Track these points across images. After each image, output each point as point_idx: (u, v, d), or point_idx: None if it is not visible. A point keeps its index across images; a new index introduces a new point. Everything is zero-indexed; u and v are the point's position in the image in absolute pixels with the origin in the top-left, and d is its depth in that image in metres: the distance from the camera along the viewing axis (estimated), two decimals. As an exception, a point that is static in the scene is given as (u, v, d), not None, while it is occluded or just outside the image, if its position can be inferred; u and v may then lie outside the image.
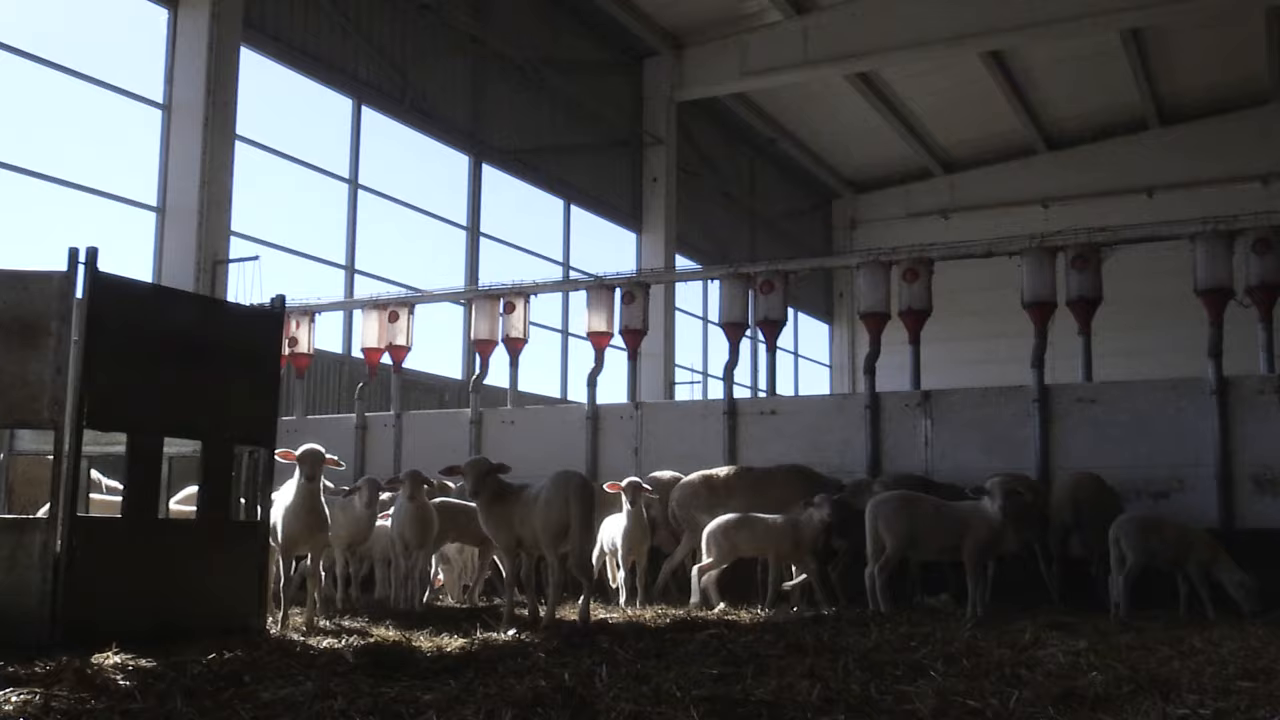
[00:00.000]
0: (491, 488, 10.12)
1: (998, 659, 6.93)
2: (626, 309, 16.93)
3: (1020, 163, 35.44)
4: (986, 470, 12.68)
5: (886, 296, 15.44)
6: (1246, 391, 13.07)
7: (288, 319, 17.59)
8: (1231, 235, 13.77)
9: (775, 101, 32.37)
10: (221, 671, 6.21)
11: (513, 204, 26.20)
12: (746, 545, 11.82)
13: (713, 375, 31.73)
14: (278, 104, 21.09)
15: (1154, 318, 26.61)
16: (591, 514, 9.97)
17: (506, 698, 5.36)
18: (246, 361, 9.23)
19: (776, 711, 5.16)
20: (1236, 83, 31.78)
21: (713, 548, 11.69)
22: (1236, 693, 5.72)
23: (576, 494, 9.69)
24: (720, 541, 11.65)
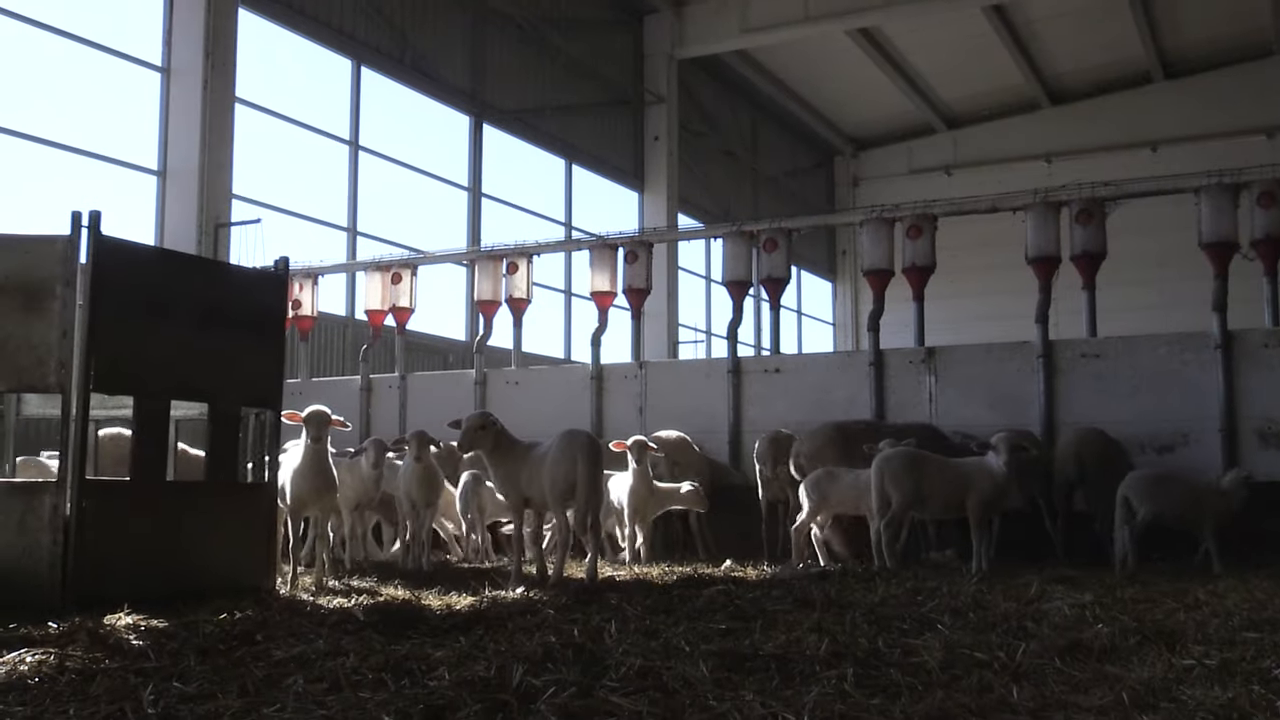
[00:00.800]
0: (489, 444, 10.11)
1: (1004, 612, 6.98)
2: (629, 268, 16.90)
3: (1023, 118, 35.28)
4: (991, 426, 12.70)
5: (890, 253, 15.40)
6: (1251, 345, 13.05)
7: (291, 281, 17.58)
8: (1236, 189, 13.70)
9: (776, 59, 32.18)
10: (233, 631, 6.26)
11: (514, 164, 26.14)
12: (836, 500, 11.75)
13: (716, 334, 31.74)
14: (277, 66, 21.03)
15: (1158, 272, 26.59)
16: (598, 473, 9.99)
17: (517, 653, 5.40)
18: (251, 324, 9.23)
19: (785, 665, 5.20)
20: (1240, 35, 31.57)
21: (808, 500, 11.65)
22: (1241, 643, 5.76)
23: (584, 453, 9.68)
24: (811, 494, 11.61)
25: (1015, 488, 11.11)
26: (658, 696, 4.58)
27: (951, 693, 4.63)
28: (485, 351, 17.61)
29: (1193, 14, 30.34)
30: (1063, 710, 4.35)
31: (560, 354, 26.50)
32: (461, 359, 22.11)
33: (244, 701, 4.56)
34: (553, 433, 12.18)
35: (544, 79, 26.32)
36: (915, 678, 4.96)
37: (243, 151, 19.02)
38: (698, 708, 4.39)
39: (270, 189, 20.16)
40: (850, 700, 4.52)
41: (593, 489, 9.79)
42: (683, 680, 4.87)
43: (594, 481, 9.79)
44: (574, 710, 4.35)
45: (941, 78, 33.71)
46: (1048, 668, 5.20)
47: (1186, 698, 4.49)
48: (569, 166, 27.61)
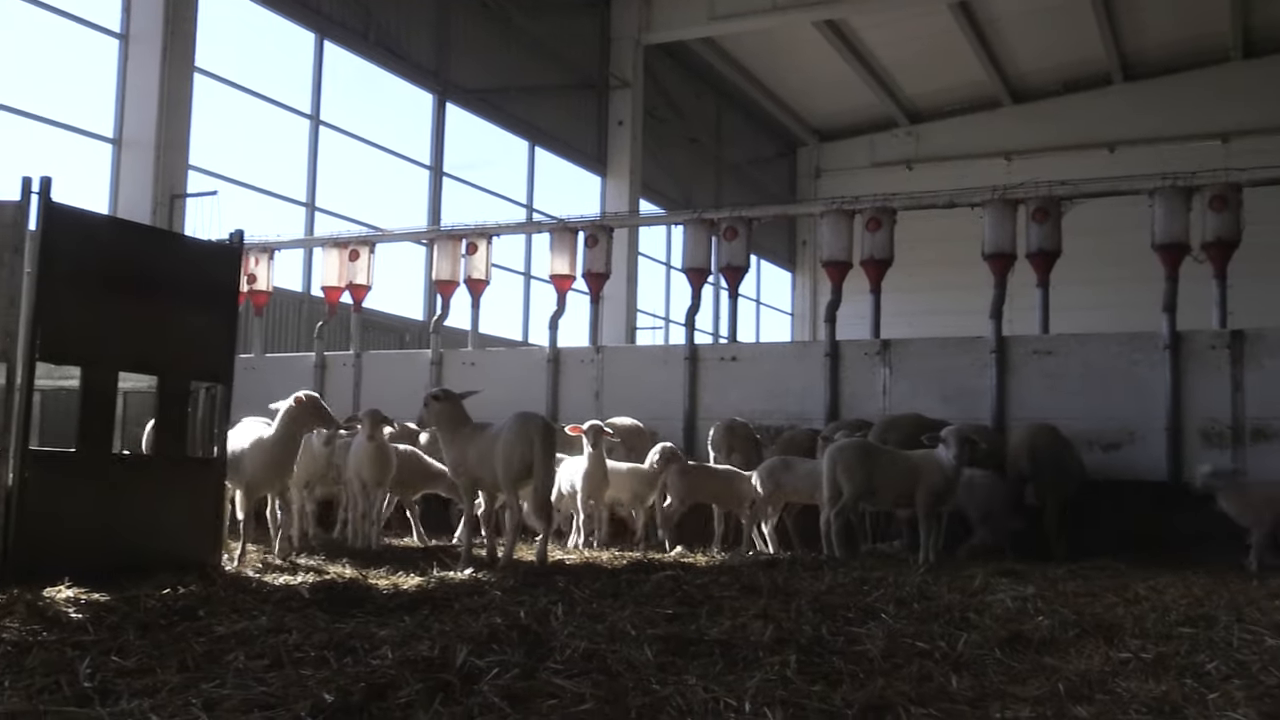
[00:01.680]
0: (443, 420, 10.07)
1: (947, 603, 7.05)
2: (589, 252, 16.90)
3: (985, 115, 35.50)
4: (944, 420, 12.82)
5: (849, 245, 15.48)
6: (1198, 346, 13.23)
7: (246, 255, 17.42)
8: (1189, 192, 13.88)
9: (743, 48, 32.19)
10: (176, 606, 6.21)
11: (477, 144, 26.03)
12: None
13: (675, 321, 31.77)
14: (238, 36, 20.78)
15: (1112, 272, 26.83)
16: (553, 456, 9.99)
17: (462, 634, 5.40)
18: (204, 297, 9.14)
19: (729, 650, 5.23)
20: (1199, 40, 31.90)
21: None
22: (1177, 638, 5.85)
23: (540, 435, 9.67)
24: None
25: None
26: (601, 679, 4.60)
27: (892, 681, 4.68)
28: (442, 331, 17.55)
29: (1154, 17, 30.61)
30: (1000, 700, 4.41)
31: (518, 336, 26.44)
32: (418, 338, 22.03)
33: (183, 676, 4.54)
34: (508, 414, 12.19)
35: (509, 60, 26.18)
36: (857, 665, 5.00)
37: (201, 122, 18.81)
38: (640, 691, 4.41)
39: (228, 161, 19.96)
40: (792, 686, 4.55)
41: (548, 471, 9.79)
42: (627, 663, 4.89)
43: (549, 464, 9.79)
44: (516, 692, 4.36)
45: (905, 73, 33.85)
46: (988, 658, 5.26)
47: (1121, 690, 4.56)
48: (532, 148, 27.50)
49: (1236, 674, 4.88)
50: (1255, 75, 31.82)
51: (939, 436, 10.88)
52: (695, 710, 4.16)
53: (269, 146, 21.67)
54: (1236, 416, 12.88)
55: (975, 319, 15.14)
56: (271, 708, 4.10)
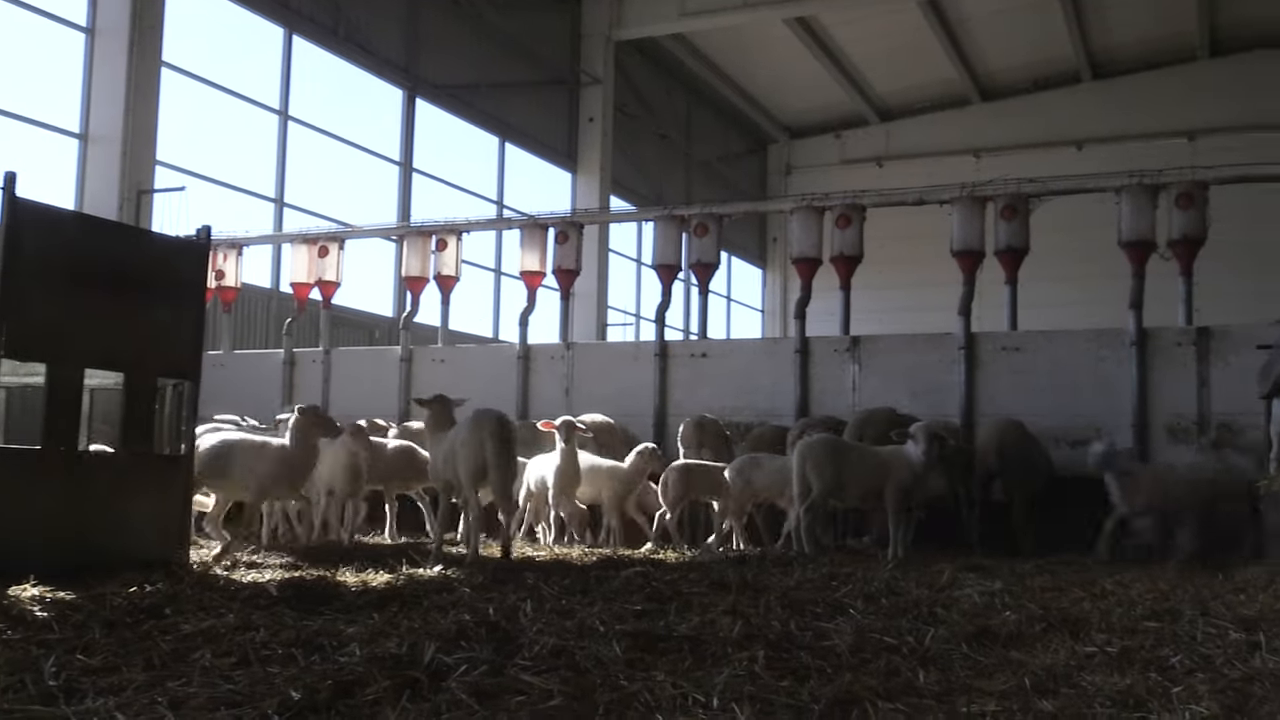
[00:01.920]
0: (431, 422, 10.36)
1: (915, 598, 7.08)
2: (560, 249, 16.89)
3: (954, 113, 35.65)
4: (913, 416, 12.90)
5: (819, 242, 15.53)
6: (1164, 343, 13.36)
7: (214, 251, 17.33)
8: (1156, 189, 14.00)
9: (713, 44, 32.22)
10: (142, 604, 6.17)
11: (447, 140, 25.94)
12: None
13: (645, 317, 31.77)
14: (206, 31, 20.62)
15: (1080, 269, 27.00)
16: (507, 452, 9.95)
17: (430, 631, 5.39)
18: (171, 293, 9.07)
19: (697, 646, 5.24)
20: (1167, 39, 32.16)
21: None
22: (1142, 632, 5.90)
23: (491, 434, 9.72)
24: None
25: (935, 477, 11.24)
26: (569, 675, 4.60)
27: (859, 676, 4.70)
28: (412, 328, 17.51)
29: (1122, 17, 30.82)
30: (966, 694, 4.43)
31: (488, 333, 26.38)
32: (388, 335, 21.94)
33: (149, 675, 4.51)
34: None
35: (479, 55, 26.10)
36: (825, 661, 5.02)
37: (168, 117, 18.66)
38: (608, 687, 4.41)
39: (196, 157, 19.82)
40: (760, 682, 4.57)
41: (502, 468, 9.82)
42: (595, 660, 4.89)
43: (503, 461, 9.82)
44: (484, 688, 4.35)
45: (876, 70, 33.95)
46: (955, 653, 5.29)
47: (1086, 684, 4.60)
48: (502, 144, 27.43)
49: (1200, 667, 4.93)
50: (1222, 74, 32.11)
51: (908, 433, 10.93)
52: (663, 706, 4.16)
53: (237, 142, 21.55)
54: (1202, 412, 13.00)
55: (944, 316, 15.23)
56: (238, 706, 4.07)
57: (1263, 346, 10.91)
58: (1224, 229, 15.23)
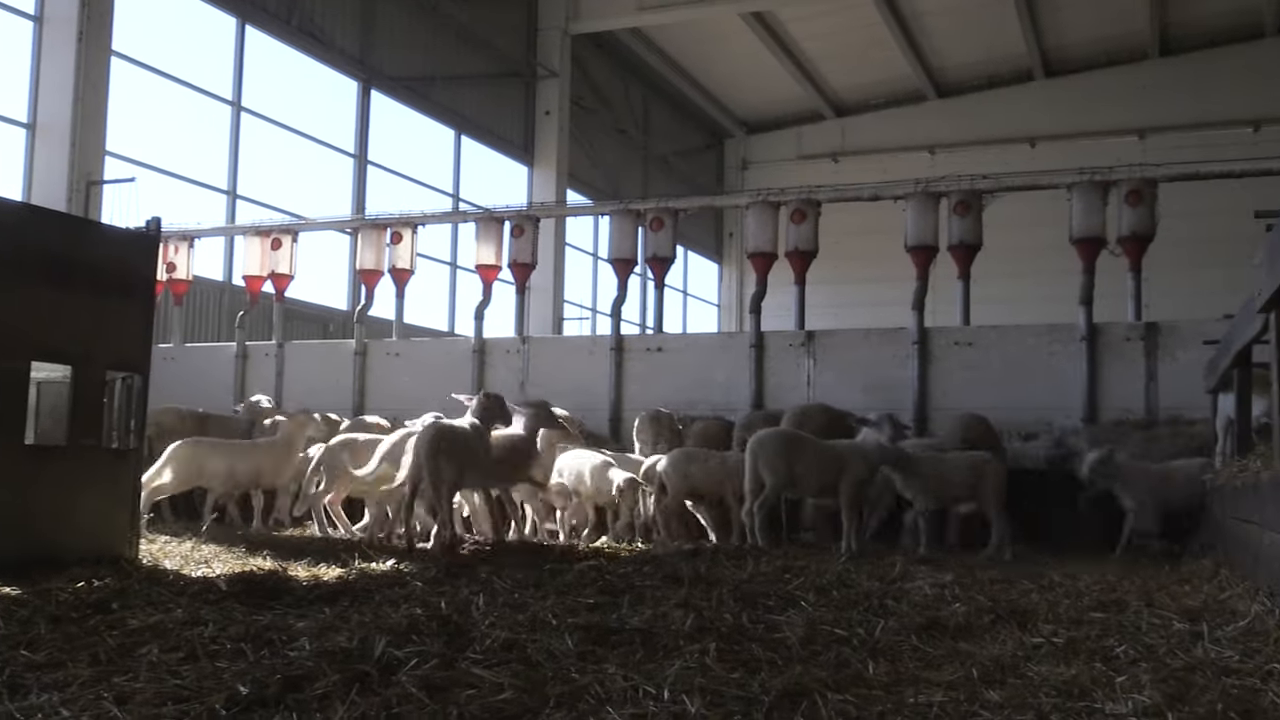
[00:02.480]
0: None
1: (867, 591, 7.13)
2: (515, 242, 16.85)
3: (910, 109, 35.87)
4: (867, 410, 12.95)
5: (774, 237, 15.60)
6: (1114, 338, 13.53)
7: (165, 244, 17.16)
8: (1106, 186, 14.17)
9: (670, 39, 32.25)
10: (89, 599, 6.10)
11: (402, 133, 25.79)
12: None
13: (601, 311, 31.77)
14: (157, 20, 20.39)
15: (1031, 265, 27.23)
16: (436, 461, 10.07)
17: (381, 625, 5.37)
18: (120, 286, 8.95)
19: (650, 639, 5.25)
20: (1118, 38, 32.52)
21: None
22: (1089, 623, 5.97)
23: (421, 447, 10.10)
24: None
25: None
26: (520, 669, 4.60)
27: (810, 667, 4.73)
28: (366, 321, 17.42)
29: (1074, 15, 31.13)
30: (914, 685, 4.47)
31: (444, 326, 26.27)
32: (342, 328, 21.80)
33: (94, 670, 4.46)
34: (431, 406, 12.23)
35: (435, 47, 25.98)
36: (775, 653, 5.04)
37: (118, 107, 18.45)
38: (560, 680, 4.42)
39: (147, 147, 19.62)
40: (711, 674, 4.58)
41: (431, 479, 10.10)
42: (547, 653, 4.89)
43: (432, 469, 10.06)
44: (435, 682, 4.34)
45: (832, 66, 34.11)
46: (904, 644, 5.33)
47: (1032, 674, 4.65)
48: (458, 137, 27.32)
49: (1144, 657, 5.00)
50: (1171, 73, 32.53)
51: (869, 420, 10.96)
52: (614, 698, 4.17)
53: (189, 133, 21.35)
54: (1150, 407, 13.18)
55: (898, 311, 15.33)
56: (185, 700, 4.04)
57: (1210, 342, 11.05)
58: (1173, 226, 15.43)
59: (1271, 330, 6.83)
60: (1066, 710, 4.01)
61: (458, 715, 3.93)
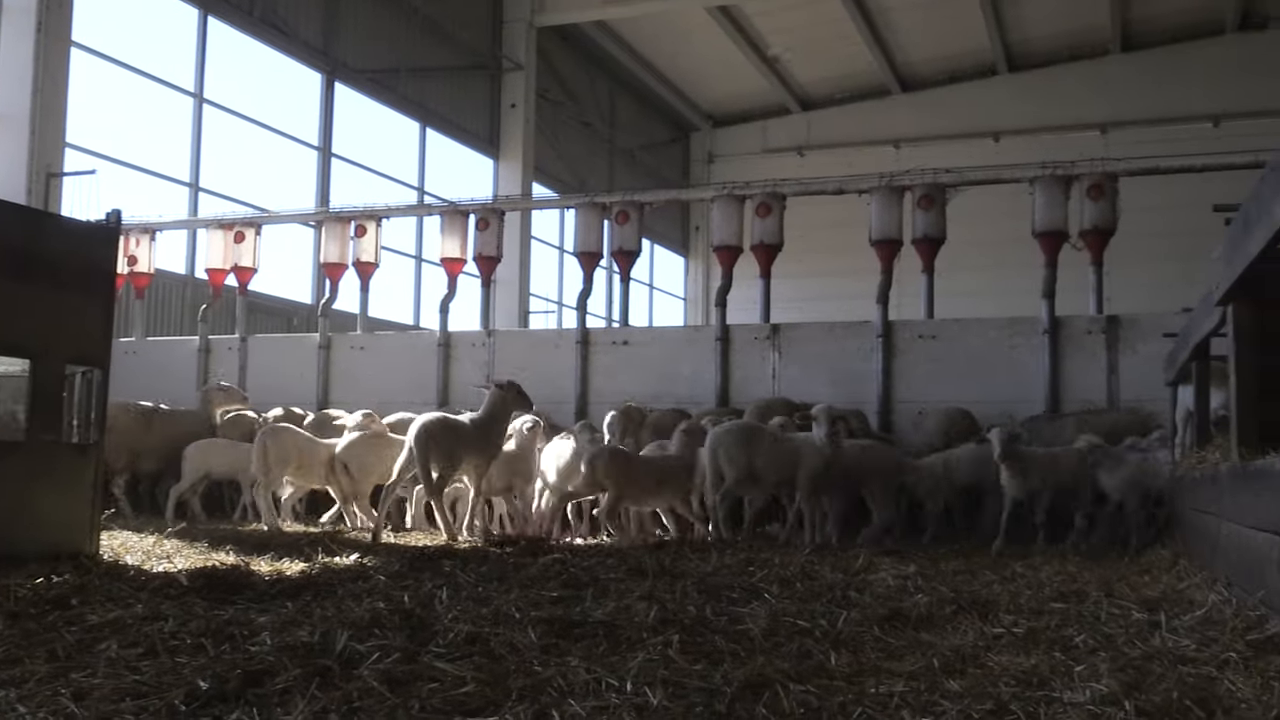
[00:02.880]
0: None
1: (830, 582, 7.16)
2: (481, 235, 16.81)
3: (875, 103, 35.98)
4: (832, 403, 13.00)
5: (739, 230, 15.64)
6: (1075, 331, 13.64)
7: (127, 236, 17.01)
8: (1068, 180, 14.28)
9: (637, 32, 32.21)
10: (48, 595, 6.05)
11: (367, 125, 25.64)
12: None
13: (567, 305, 31.72)
14: (118, 11, 20.17)
15: (995, 258, 27.39)
16: (426, 455, 10.70)
17: (343, 619, 5.34)
18: (80, 279, 8.86)
19: (613, 631, 5.26)
20: (1081, 32, 32.75)
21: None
22: (1049, 613, 6.02)
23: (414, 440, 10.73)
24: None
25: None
26: (483, 662, 4.59)
27: (772, 659, 4.74)
28: (330, 315, 17.33)
29: (1037, 11, 31.33)
30: (876, 675, 4.50)
31: (409, 320, 26.16)
32: (306, 322, 21.68)
33: (52, 666, 4.42)
34: (397, 400, 12.27)
35: (400, 39, 25.83)
36: (738, 644, 5.06)
37: (79, 99, 18.25)
38: (522, 673, 4.41)
39: (108, 139, 19.40)
40: (674, 666, 4.59)
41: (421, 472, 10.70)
42: (510, 646, 4.88)
43: (422, 464, 10.71)
44: (397, 675, 4.32)
45: (798, 60, 34.16)
46: (866, 635, 5.36)
47: (993, 664, 4.68)
48: (423, 130, 27.19)
49: (1103, 646, 5.04)
50: (1133, 68, 32.80)
51: (810, 416, 10.97)
52: (576, 691, 4.17)
53: (151, 125, 21.14)
54: (1112, 399, 13.31)
55: (863, 304, 15.41)
56: (144, 696, 4.01)
57: (1169, 335, 11.16)
58: (1134, 220, 15.58)
59: (1229, 323, 6.89)
60: (1025, 699, 4.04)
61: (419, 709, 3.92)
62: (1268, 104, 28.51)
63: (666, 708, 3.96)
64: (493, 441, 11.17)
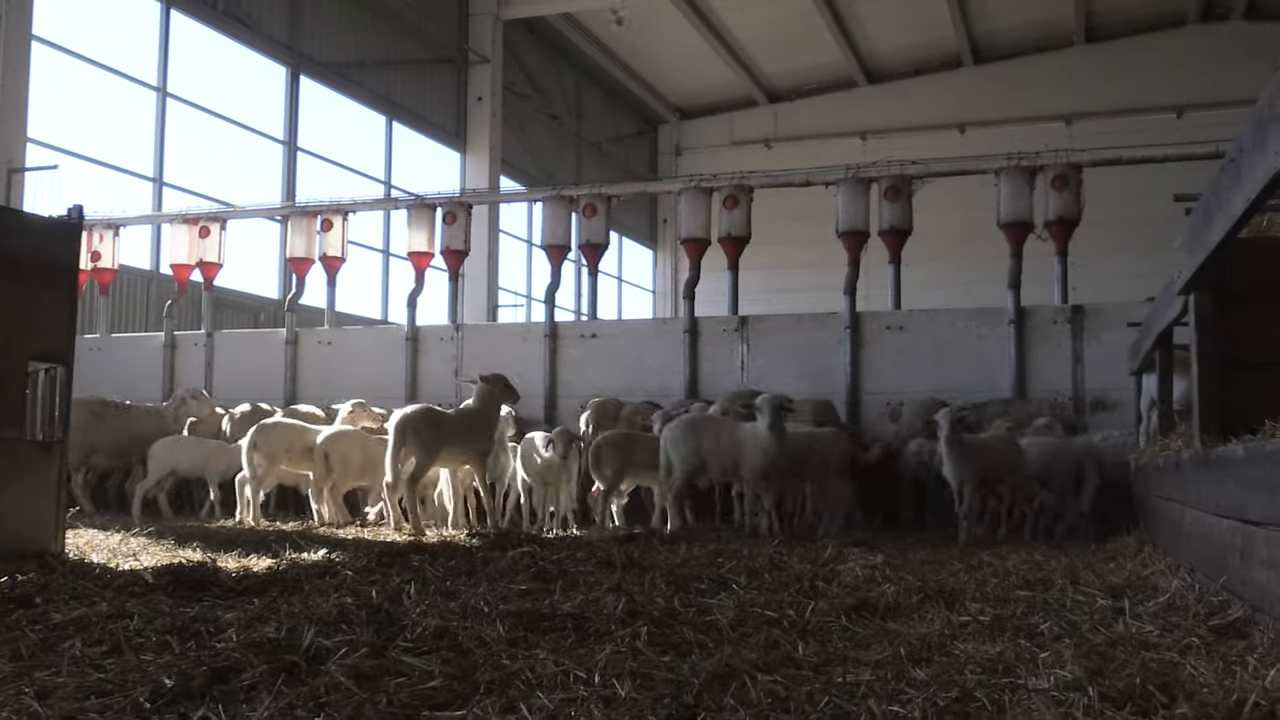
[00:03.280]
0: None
1: (798, 573, 7.18)
2: (448, 229, 16.76)
3: (841, 95, 36.08)
4: (800, 394, 13.08)
5: (707, 222, 15.66)
6: (1041, 321, 13.74)
7: (90, 232, 16.86)
8: (1033, 171, 14.38)
9: (603, 24, 32.09)
10: (11, 594, 5.98)
11: (332, 119, 25.49)
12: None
13: (535, 298, 31.67)
14: (79, 3, 19.96)
15: (961, 249, 27.56)
16: (398, 444, 10.90)
17: (310, 615, 5.31)
18: (42, 275, 8.77)
19: (581, 624, 5.26)
20: (1045, 24, 32.95)
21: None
22: (1015, 601, 6.06)
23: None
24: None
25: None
26: (451, 656, 4.58)
27: (740, 649, 4.75)
28: (297, 310, 17.25)
29: (1001, 2, 31.50)
30: (842, 664, 4.51)
31: (377, 315, 26.05)
32: (273, 317, 21.55)
33: (15, 665, 4.37)
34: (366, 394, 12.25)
35: (365, 32, 25.69)
36: (707, 635, 5.07)
37: (40, 93, 18.05)
38: (490, 666, 4.40)
39: (70, 134, 19.22)
40: (641, 657, 4.59)
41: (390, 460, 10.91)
42: (478, 640, 4.87)
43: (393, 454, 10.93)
44: (364, 671, 4.31)
45: (764, 52, 34.19)
46: (834, 625, 5.38)
47: (959, 651, 4.71)
48: (389, 123, 27.06)
49: (1068, 633, 5.08)
50: (1097, 59, 33.02)
51: (754, 405, 10.98)
52: (544, 683, 4.16)
53: (114, 119, 20.94)
54: (1077, 388, 13.43)
55: (831, 296, 15.46)
56: (108, 694, 3.97)
57: (1134, 324, 11.26)
58: (1098, 210, 15.70)
59: (1190, 312, 6.96)
60: (990, 686, 4.06)
61: (386, 703, 3.91)
62: (1229, 94, 28.72)
63: (635, 699, 3.96)
64: (482, 434, 11.29)
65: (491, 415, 11.45)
